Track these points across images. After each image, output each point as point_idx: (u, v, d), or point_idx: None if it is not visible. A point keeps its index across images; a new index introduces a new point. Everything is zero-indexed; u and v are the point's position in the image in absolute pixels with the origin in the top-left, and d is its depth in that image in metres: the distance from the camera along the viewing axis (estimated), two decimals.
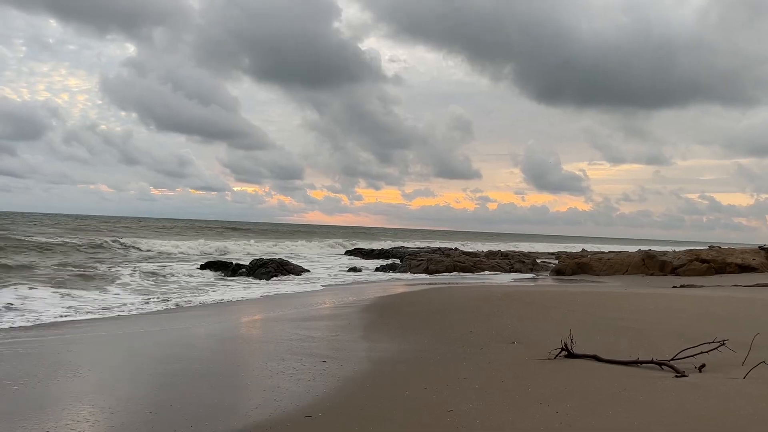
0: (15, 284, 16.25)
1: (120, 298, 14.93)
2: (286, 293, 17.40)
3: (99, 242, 36.25)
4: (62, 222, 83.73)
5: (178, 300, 15.11)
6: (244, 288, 18.98)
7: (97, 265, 24.24)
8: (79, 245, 33.62)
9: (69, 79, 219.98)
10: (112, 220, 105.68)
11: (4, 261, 22.67)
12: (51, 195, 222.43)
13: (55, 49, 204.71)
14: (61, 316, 11.78)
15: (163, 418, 5.08)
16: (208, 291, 17.65)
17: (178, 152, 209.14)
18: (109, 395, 5.87)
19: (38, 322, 10.99)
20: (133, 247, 35.62)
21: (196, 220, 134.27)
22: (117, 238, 38.19)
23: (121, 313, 12.44)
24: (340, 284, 21.43)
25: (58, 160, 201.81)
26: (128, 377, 6.80)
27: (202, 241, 43.48)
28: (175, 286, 18.10)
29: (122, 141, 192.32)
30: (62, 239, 37.22)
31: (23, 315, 11.70)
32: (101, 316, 11.97)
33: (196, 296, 16.15)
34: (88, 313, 12.37)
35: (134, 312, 12.78)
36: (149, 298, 15.11)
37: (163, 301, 14.84)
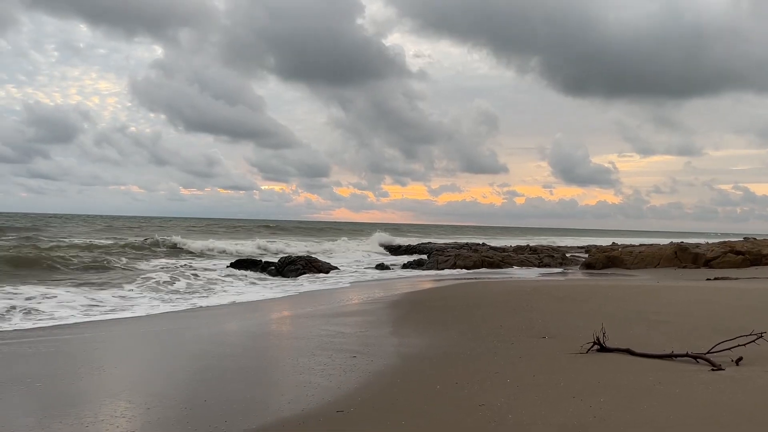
0: (55, 283, 16.64)
1: (151, 296, 15.16)
2: (315, 290, 17.50)
3: (139, 241, 36.37)
4: (99, 222, 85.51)
5: (207, 298, 15.30)
6: (273, 285, 19.14)
7: (135, 262, 24.69)
8: (120, 245, 33.93)
9: (99, 83, 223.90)
10: (148, 220, 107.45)
11: (41, 261, 23.18)
12: (84, 196, 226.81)
13: (85, 54, 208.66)
14: (88, 314, 12.01)
15: (197, 414, 5.16)
16: (236, 289, 17.83)
17: (206, 152, 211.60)
18: (144, 392, 5.98)
19: (89, 318, 11.22)
20: (175, 246, 35.51)
21: (227, 219, 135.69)
22: (161, 237, 37.97)
23: (151, 311, 12.64)
24: (368, 280, 21.49)
25: (90, 162, 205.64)
26: (162, 374, 6.91)
27: (243, 241, 43.39)
28: (203, 283, 18.32)
29: (152, 142, 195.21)
30: (107, 239, 37.96)
31: (56, 312, 11.96)
32: (133, 315, 12.17)
33: (225, 294, 16.34)
34: (120, 311, 12.60)
35: (164, 310, 12.97)
36: (179, 297, 15.33)
37: (193, 298, 15.05)
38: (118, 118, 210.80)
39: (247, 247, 37.50)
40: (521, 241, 55.61)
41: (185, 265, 25.83)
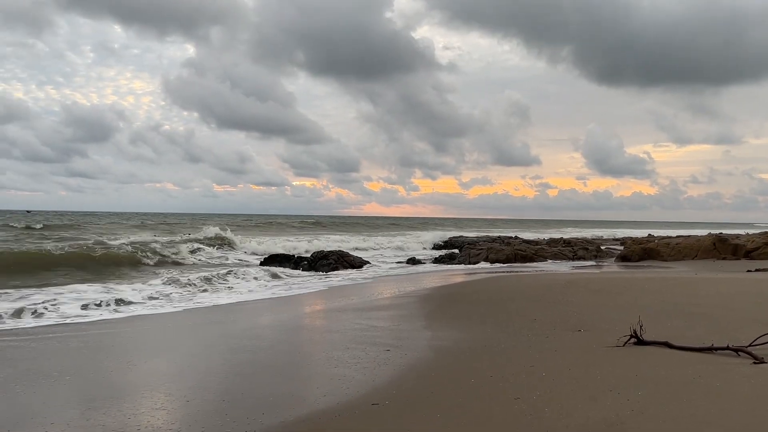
0: (103, 278, 17.06)
1: (188, 290, 15.42)
2: (347, 284, 17.59)
3: (201, 237, 36.33)
4: (143, 218, 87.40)
5: (240, 292, 15.51)
6: (306, 280, 19.30)
7: (177, 258, 25.14)
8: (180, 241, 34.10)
9: (134, 82, 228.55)
10: (190, 217, 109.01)
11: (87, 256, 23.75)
12: (121, 194, 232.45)
13: (120, 54, 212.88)
14: (113, 309, 12.28)
15: (235, 406, 5.25)
16: (269, 284, 18.03)
17: (238, 149, 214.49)
18: (182, 385, 6.10)
19: (131, 313, 11.49)
20: (225, 242, 35.33)
21: (260, 215, 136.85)
22: (219, 233, 37.63)
23: (188, 306, 12.86)
24: (400, 275, 21.51)
25: (125, 161, 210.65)
26: (200, 367, 7.03)
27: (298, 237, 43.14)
28: (238, 279, 18.55)
29: (185, 140, 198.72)
30: (163, 235, 38.65)
31: (109, 306, 12.27)
32: (173, 310, 12.41)
33: (259, 289, 16.54)
34: (157, 306, 12.86)
35: (206, 304, 13.19)
36: (213, 292, 15.56)
37: (227, 294, 15.27)
38: (152, 116, 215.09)
39: (305, 244, 36.14)
40: (555, 234, 55.04)
41: (232, 261, 26.33)
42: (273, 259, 25.41)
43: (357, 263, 24.79)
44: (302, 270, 23.02)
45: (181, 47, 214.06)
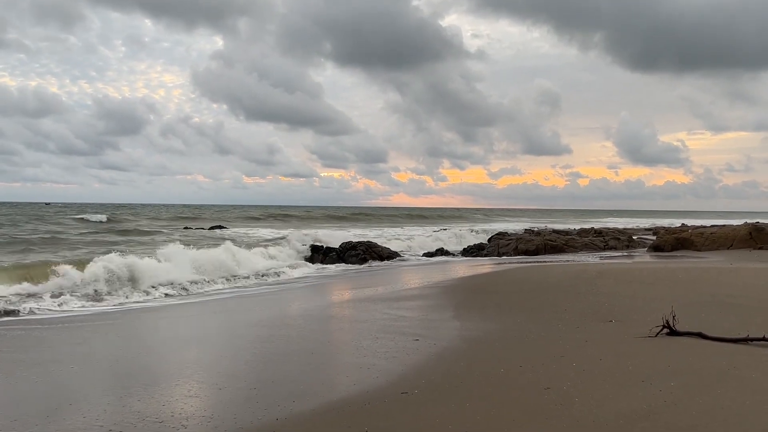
0: None
1: (215, 282, 15.63)
2: (376, 275, 17.64)
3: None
4: (180, 210, 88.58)
5: (270, 283, 15.68)
6: (334, 271, 19.41)
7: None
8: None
9: (164, 76, 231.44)
10: (230, 208, 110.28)
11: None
12: (153, 186, 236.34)
13: (151, 48, 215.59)
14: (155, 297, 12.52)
15: (267, 394, 5.32)
16: (300, 274, 18.19)
17: (267, 141, 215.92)
18: (215, 372, 6.20)
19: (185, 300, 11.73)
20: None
21: (290, 207, 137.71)
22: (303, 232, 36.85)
23: (219, 297, 13.05)
24: (428, 264, 21.50)
25: (157, 153, 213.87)
26: (231, 356, 7.14)
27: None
28: (266, 269, 18.74)
29: (215, 132, 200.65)
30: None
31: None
32: (207, 299, 12.62)
33: (289, 280, 16.69)
34: (190, 295, 13.09)
35: (229, 295, 13.37)
36: (240, 282, 15.75)
37: (256, 284, 15.45)
38: (182, 109, 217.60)
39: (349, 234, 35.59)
40: (586, 224, 54.29)
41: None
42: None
43: (385, 254, 24.81)
44: (330, 262, 23.08)
45: (210, 40, 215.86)
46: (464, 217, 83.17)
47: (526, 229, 41.06)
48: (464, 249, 29.27)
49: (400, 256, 25.38)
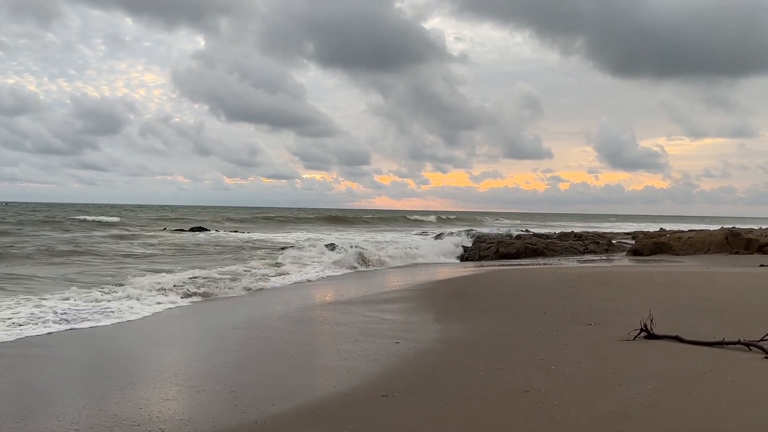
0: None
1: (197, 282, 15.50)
2: (358, 276, 17.61)
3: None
4: (162, 211, 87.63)
5: (247, 285, 15.58)
6: (316, 272, 19.35)
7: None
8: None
9: (145, 75, 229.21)
10: (220, 209, 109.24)
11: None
12: (133, 187, 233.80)
13: (132, 47, 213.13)
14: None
15: (245, 396, 5.29)
16: (279, 276, 18.10)
17: (248, 141, 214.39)
18: (193, 375, 6.14)
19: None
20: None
21: (272, 208, 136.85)
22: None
23: (196, 300, 12.95)
24: (409, 267, 21.51)
25: (136, 153, 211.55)
26: (208, 358, 7.08)
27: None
28: (245, 271, 18.64)
29: (195, 132, 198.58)
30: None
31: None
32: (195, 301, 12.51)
33: (266, 282, 16.60)
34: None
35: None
36: (223, 285, 15.65)
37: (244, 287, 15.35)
38: (163, 109, 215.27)
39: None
40: (566, 228, 54.70)
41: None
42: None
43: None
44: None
45: (193, 39, 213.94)
46: (446, 221, 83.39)
47: (506, 233, 41.29)
48: (446, 252, 29.35)
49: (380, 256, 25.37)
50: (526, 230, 45.37)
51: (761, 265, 18.47)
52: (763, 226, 32.70)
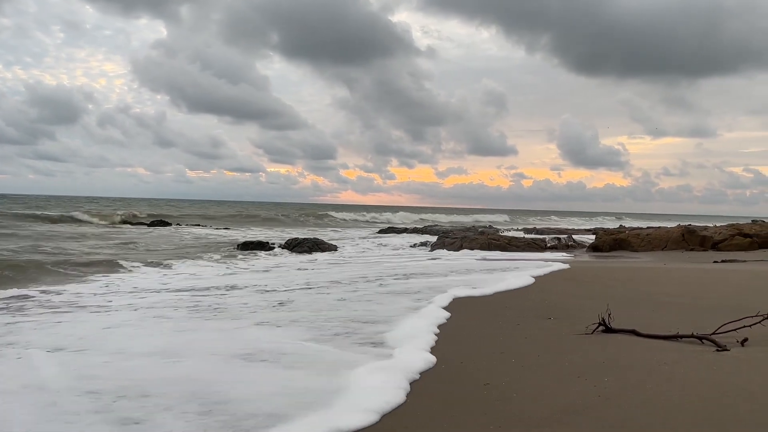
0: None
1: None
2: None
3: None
4: (120, 203, 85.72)
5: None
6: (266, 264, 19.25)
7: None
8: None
9: (105, 64, 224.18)
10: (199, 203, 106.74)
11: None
12: (92, 178, 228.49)
13: (92, 35, 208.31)
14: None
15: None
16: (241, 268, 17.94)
17: (210, 133, 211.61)
18: None
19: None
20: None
21: (238, 202, 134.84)
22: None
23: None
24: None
25: (95, 143, 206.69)
26: None
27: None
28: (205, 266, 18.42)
29: (156, 123, 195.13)
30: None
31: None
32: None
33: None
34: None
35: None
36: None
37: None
38: (124, 99, 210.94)
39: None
40: (528, 224, 55.55)
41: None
42: (246, 246, 25.24)
43: (331, 249, 24.88)
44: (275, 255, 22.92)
45: (155, 30, 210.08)
46: (411, 217, 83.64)
47: (470, 228, 41.69)
48: (411, 245, 29.49)
49: (343, 249, 25.40)
50: (489, 225, 45.90)
51: (715, 261, 19.07)
52: (718, 224, 33.69)
